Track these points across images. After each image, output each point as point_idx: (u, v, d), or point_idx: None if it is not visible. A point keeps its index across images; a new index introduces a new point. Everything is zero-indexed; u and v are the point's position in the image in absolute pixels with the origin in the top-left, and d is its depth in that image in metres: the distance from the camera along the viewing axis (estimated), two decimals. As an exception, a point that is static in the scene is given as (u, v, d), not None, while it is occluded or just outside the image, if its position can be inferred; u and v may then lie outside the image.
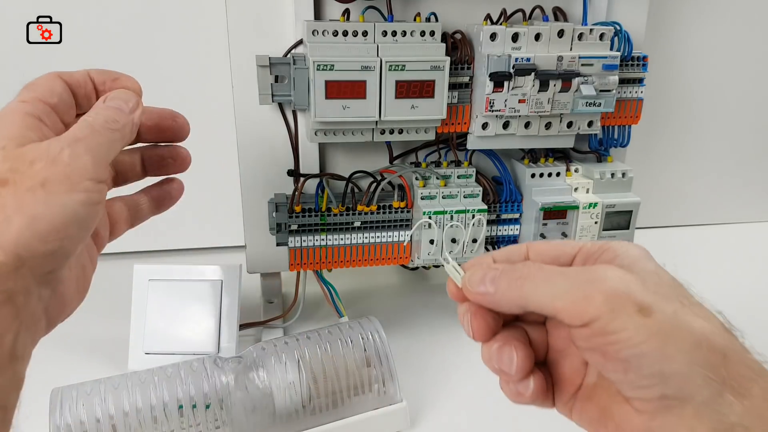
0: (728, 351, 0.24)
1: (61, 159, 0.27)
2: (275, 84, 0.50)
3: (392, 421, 0.47)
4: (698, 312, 0.26)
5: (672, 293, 0.27)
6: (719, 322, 0.26)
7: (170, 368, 0.44)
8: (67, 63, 0.69)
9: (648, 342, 0.24)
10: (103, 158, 0.28)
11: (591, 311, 0.24)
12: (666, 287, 0.27)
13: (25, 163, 0.26)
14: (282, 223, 0.54)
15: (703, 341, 0.24)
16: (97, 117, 0.29)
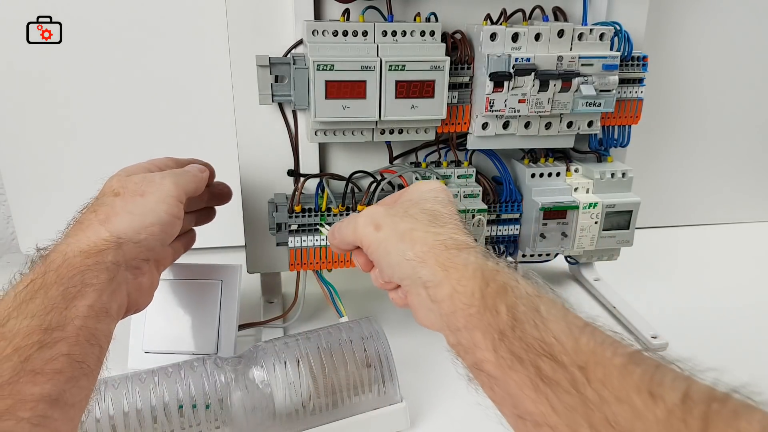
0: (429, 240, 0.35)
1: (154, 180, 0.41)
2: (275, 84, 0.50)
3: (392, 421, 0.47)
4: (424, 226, 0.37)
5: (412, 216, 0.38)
6: (446, 230, 0.36)
7: (170, 368, 0.44)
8: (67, 63, 0.70)
9: (377, 246, 0.38)
10: (182, 188, 0.42)
11: (356, 234, 0.39)
12: (412, 212, 0.38)
13: (131, 182, 0.41)
14: (282, 223, 0.54)
15: (406, 235, 0.36)
16: (183, 168, 0.45)
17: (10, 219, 0.76)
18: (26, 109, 0.69)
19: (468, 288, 0.31)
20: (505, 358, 0.28)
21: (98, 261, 0.35)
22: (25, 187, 0.72)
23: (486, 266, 0.32)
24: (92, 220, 0.38)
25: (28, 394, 0.28)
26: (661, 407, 0.22)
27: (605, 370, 0.24)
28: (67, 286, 0.32)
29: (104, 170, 0.74)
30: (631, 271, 0.69)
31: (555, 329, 0.27)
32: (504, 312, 0.29)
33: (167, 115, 0.71)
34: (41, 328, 0.30)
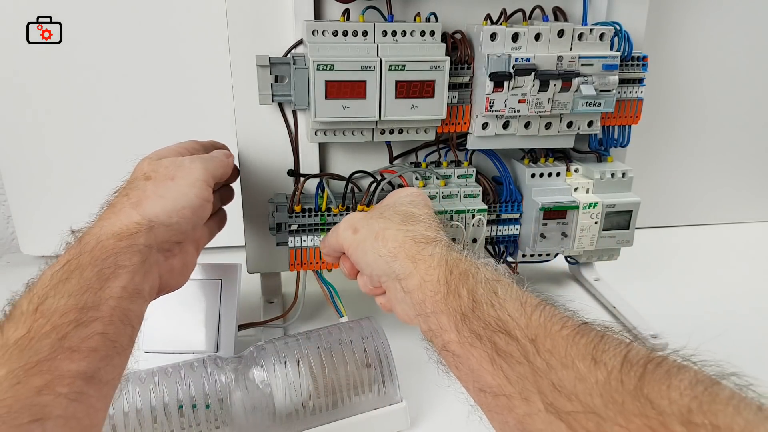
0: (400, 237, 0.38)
1: (184, 164, 0.42)
2: (275, 84, 0.50)
3: (392, 421, 0.47)
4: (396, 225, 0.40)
5: (386, 217, 0.41)
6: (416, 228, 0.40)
7: (170, 368, 0.44)
8: (68, 63, 0.70)
9: (356, 248, 0.41)
10: (210, 173, 0.42)
11: (338, 240, 0.43)
12: (386, 214, 0.42)
13: (162, 166, 0.41)
14: (282, 222, 0.54)
15: (379, 234, 0.39)
16: (210, 153, 0.46)
17: (10, 219, 0.76)
18: (26, 109, 0.69)
19: (434, 276, 0.34)
20: (467, 337, 0.30)
21: (131, 243, 0.36)
22: (25, 187, 0.72)
23: (450, 256, 0.35)
24: (124, 203, 0.39)
25: (66, 370, 0.29)
26: (602, 370, 0.24)
27: (553, 340, 0.26)
28: (102, 268, 0.33)
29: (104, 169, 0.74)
30: (631, 271, 0.69)
31: (510, 308, 0.29)
32: (465, 295, 0.31)
33: (167, 115, 0.71)
34: (77, 307, 0.31)
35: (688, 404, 0.21)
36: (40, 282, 0.32)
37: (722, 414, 0.20)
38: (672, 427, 0.20)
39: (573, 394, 0.24)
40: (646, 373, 0.23)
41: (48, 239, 0.80)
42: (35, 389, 0.27)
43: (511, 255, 0.61)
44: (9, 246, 0.79)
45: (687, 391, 0.21)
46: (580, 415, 0.23)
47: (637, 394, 0.22)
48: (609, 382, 0.23)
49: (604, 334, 0.26)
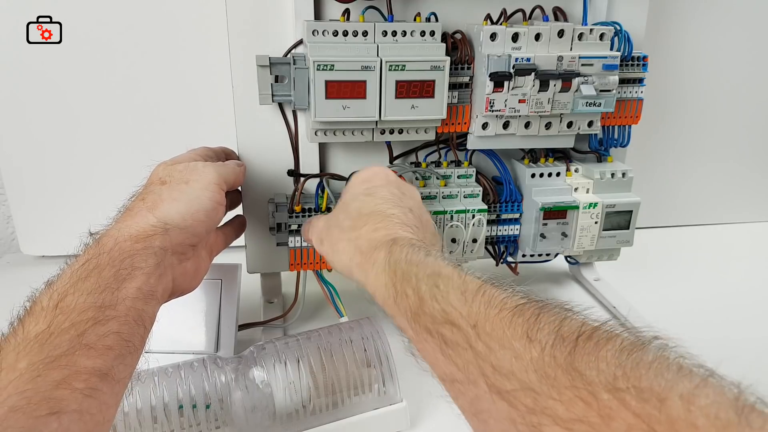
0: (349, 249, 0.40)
1: (197, 168, 0.43)
2: (275, 84, 0.50)
3: (392, 421, 0.47)
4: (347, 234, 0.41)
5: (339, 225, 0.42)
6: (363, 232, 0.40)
7: (170, 368, 0.44)
8: (67, 63, 0.70)
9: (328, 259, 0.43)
10: (223, 177, 0.44)
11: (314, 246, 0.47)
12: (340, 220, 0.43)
13: (176, 170, 0.43)
14: (282, 222, 0.54)
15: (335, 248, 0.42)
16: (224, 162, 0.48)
17: (10, 219, 0.76)
18: (26, 109, 0.69)
19: (382, 282, 0.35)
20: (419, 333, 0.31)
21: (147, 246, 0.37)
22: (25, 187, 0.72)
23: (392, 258, 0.35)
24: (141, 207, 0.40)
25: (82, 366, 0.30)
26: (537, 348, 0.25)
27: (492, 324, 0.27)
28: (119, 269, 0.35)
29: (104, 170, 0.74)
30: (631, 271, 0.69)
31: (452, 299, 0.30)
32: (411, 294, 0.32)
33: (167, 115, 0.71)
34: (95, 305, 0.32)
35: (614, 372, 0.22)
36: (60, 280, 0.33)
37: (645, 377, 0.21)
38: (599, 395, 0.21)
39: (510, 372, 0.25)
40: (577, 346, 0.24)
41: (48, 239, 0.80)
42: (53, 383, 0.28)
43: (511, 255, 0.61)
44: (9, 246, 0.79)
45: (613, 360, 0.22)
46: (519, 392, 0.24)
47: (568, 367, 0.23)
48: (543, 358, 0.24)
49: (540, 312, 0.26)
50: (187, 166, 0.43)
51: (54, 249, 0.74)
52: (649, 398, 0.20)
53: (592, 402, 0.21)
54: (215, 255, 0.48)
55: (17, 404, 0.27)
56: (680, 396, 0.20)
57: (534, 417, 0.23)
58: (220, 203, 0.43)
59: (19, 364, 0.28)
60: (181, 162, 0.44)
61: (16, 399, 0.27)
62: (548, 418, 0.22)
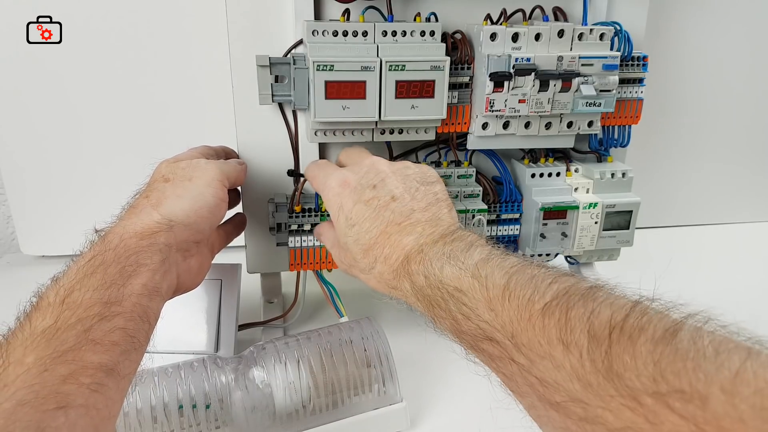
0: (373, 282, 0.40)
1: (200, 165, 0.44)
2: (275, 84, 0.50)
3: (392, 421, 0.47)
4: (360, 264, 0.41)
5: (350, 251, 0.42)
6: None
7: (170, 368, 0.44)
8: (67, 63, 0.70)
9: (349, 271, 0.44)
10: (225, 174, 0.44)
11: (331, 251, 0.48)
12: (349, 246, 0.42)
13: (179, 168, 0.43)
14: (282, 222, 0.54)
15: (353, 271, 0.43)
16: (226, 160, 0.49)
17: (10, 219, 0.76)
18: (26, 109, 0.69)
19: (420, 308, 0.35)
20: (467, 349, 0.31)
21: (151, 243, 0.37)
22: (25, 187, 0.72)
23: (415, 287, 0.35)
24: (145, 204, 0.40)
25: (89, 361, 0.30)
26: (575, 353, 0.24)
27: (527, 334, 0.27)
28: (124, 265, 0.35)
29: (104, 169, 0.74)
30: (631, 271, 0.68)
31: (482, 314, 0.30)
32: (446, 317, 0.32)
33: (167, 115, 0.71)
34: (101, 301, 0.32)
35: (652, 373, 0.22)
36: (66, 276, 0.34)
37: (684, 374, 0.21)
38: (643, 400, 0.21)
39: (556, 383, 0.25)
40: (611, 345, 0.23)
41: (48, 239, 0.80)
42: (61, 378, 0.28)
43: (511, 255, 0.61)
44: (9, 246, 0.79)
45: (649, 356, 0.22)
46: (568, 403, 0.24)
47: (608, 372, 0.23)
48: (583, 365, 0.24)
49: (569, 309, 0.26)
50: (190, 163, 0.44)
51: (54, 249, 0.74)
52: (692, 398, 0.20)
53: (637, 408, 0.21)
54: (216, 253, 0.48)
55: (25, 398, 0.27)
56: (722, 389, 0.20)
57: (588, 426, 0.23)
58: (223, 200, 0.43)
59: (26, 359, 0.28)
60: (183, 160, 0.45)
61: (24, 393, 0.27)
62: (601, 426, 0.22)
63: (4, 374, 0.28)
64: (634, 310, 0.25)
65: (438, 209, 0.40)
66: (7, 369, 0.28)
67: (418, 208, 0.40)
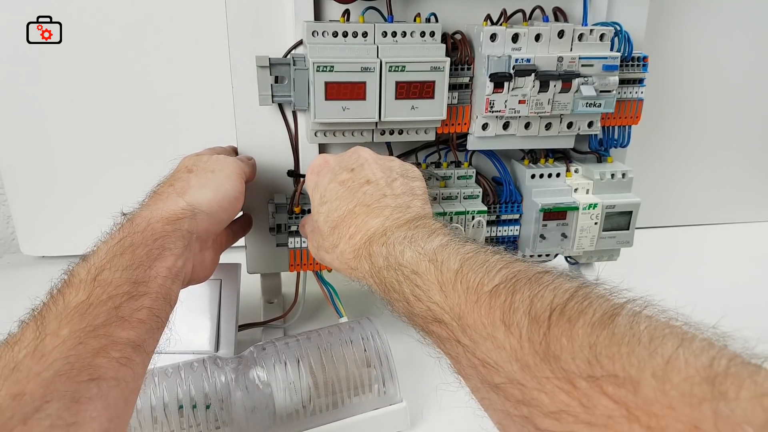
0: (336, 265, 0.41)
1: (220, 159, 0.46)
2: (275, 85, 0.50)
3: (392, 421, 0.47)
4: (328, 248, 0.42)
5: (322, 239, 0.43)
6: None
7: (170, 368, 0.44)
8: (67, 63, 0.70)
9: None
10: (243, 169, 0.47)
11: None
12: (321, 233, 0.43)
13: (201, 161, 0.46)
14: (282, 223, 0.54)
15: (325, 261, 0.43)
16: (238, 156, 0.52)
17: (10, 219, 0.76)
18: (26, 109, 0.69)
19: (378, 290, 0.36)
20: (419, 332, 0.32)
21: (176, 228, 0.39)
22: (25, 187, 0.72)
23: (374, 269, 0.36)
24: (170, 192, 0.42)
25: (118, 337, 0.32)
26: (515, 334, 0.25)
27: (473, 315, 0.27)
28: (151, 248, 0.37)
29: (104, 169, 0.74)
30: (631, 271, 0.69)
31: (433, 295, 0.30)
32: (400, 299, 0.33)
33: (167, 115, 0.71)
34: (130, 281, 0.34)
35: (587, 356, 0.22)
36: (97, 255, 0.35)
37: (618, 358, 0.21)
38: (577, 383, 0.21)
39: (497, 365, 0.25)
40: (550, 326, 0.24)
41: (48, 239, 0.80)
42: (93, 351, 0.30)
43: (511, 255, 0.61)
44: (9, 246, 0.79)
45: (586, 339, 0.22)
46: (507, 384, 0.24)
47: (545, 354, 0.23)
48: (521, 346, 0.24)
49: (514, 290, 0.26)
50: (211, 157, 0.47)
51: (54, 249, 0.74)
52: (625, 383, 0.20)
53: (571, 391, 0.21)
54: (223, 250, 0.49)
55: (62, 369, 0.28)
56: (653, 375, 0.20)
57: (525, 408, 0.23)
58: (242, 193, 0.46)
59: (61, 331, 0.30)
60: (205, 155, 0.48)
61: (61, 364, 0.28)
62: (536, 409, 0.23)
63: (41, 345, 0.29)
64: (576, 293, 0.25)
65: (411, 199, 0.41)
66: (44, 340, 0.29)
67: (390, 194, 0.41)
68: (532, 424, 0.23)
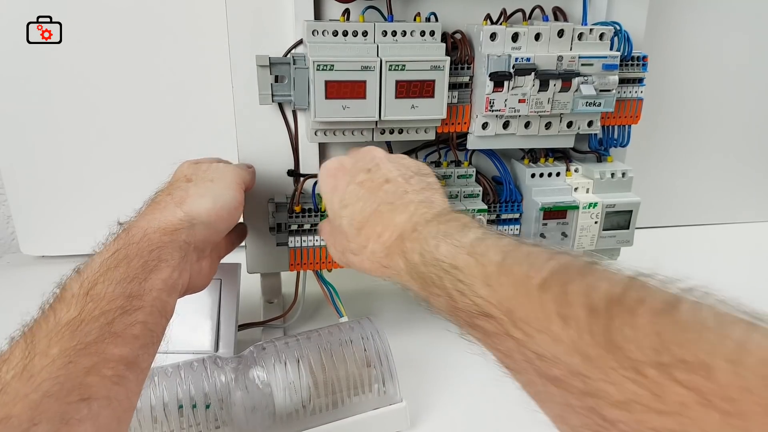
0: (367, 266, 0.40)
1: (219, 168, 0.46)
2: (275, 84, 0.50)
3: (392, 421, 0.47)
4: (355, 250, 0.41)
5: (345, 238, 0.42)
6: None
7: (170, 368, 0.44)
8: (67, 63, 0.70)
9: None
10: (242, 178, 0.47)
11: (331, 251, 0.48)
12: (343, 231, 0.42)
13: (200, 169, 0.45)
14: (282, 223, 0.54)
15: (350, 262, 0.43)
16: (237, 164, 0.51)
17: (10, 219, 0.76)
18: (26, 109, 0.69)
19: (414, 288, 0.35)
20: (462, 327, 0.31)
21: (173, 239, 0.38)
22: (25, 187, 0.72)
23: (409, 266, 0.35)
24: (168, 201, 0.41)
25: (111, 354, 0.31)
26: (573, 327, 0.24)
27: (524, 308, 0.27)
28: (147, 260, 0.36)
29: (104, 169, 0.74)
30: (631, 271, 0.69)
31: (479, 290, 0.29)
32: (441, 293, 0.32)
33: (167, 115, 0.71)
34: (124, 294, 0.33)
35: (654, 344, 0.21)
36: (90, 267, 0.34)
37: (686, 344, 0.21)
38: (646, 372, 0.21)
39: (555, 357, 0.24)
40: (611, 317, 0.23)
41: (48, 239, 0.80)
42: (84, 370, 0.29)
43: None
44: (9, 246, 0.79)
45: (650, 327, 0.22)
46: (568, 376, 0.24)
47: (609, 345, 0.23)
48: (582, 338, 0.24)
49: (567, 283, 0.26)
50: (210, 166, 0.46)
51: (54, 249, 0.74)
52: (697, 368, 0.20)
53: (640, 380, 0.21)
54: (221, 259, 0.49)
55: (51, 390, 0.27)
56: (726, 359, 0.19)
57: (590, 399, 0.23)
58: (241, 202, 0.45)
59: (51, 350, 0.29)
60: (204, 162, 0.47)
61: (50, 384, 0.28)
62: (602, 400, 0.22)
63: (30, 365, 0.28)
64: (632, 283, 0.25)
65: (431, 194, 0.40)
66: (33, 360, 0.28)
67: (411, 191, 0.40)
68: (599, 414, 0.22)
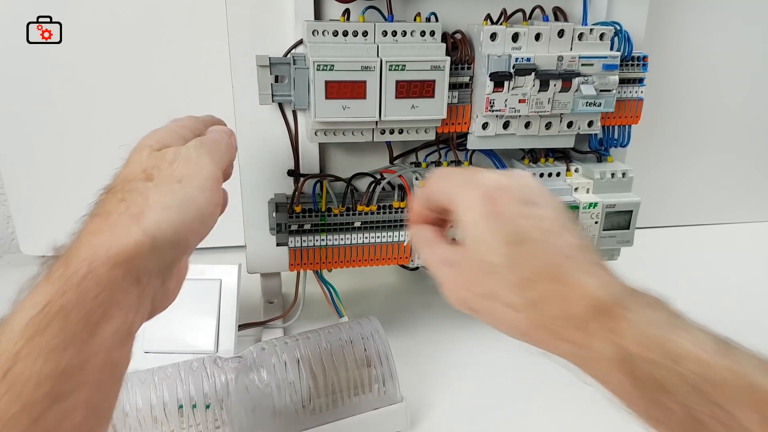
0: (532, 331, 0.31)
1: (190, 158, 0.34)
2: (275, 84, 0.50)
3: (392, 421, 0.47)
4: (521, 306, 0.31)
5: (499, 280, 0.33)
6: None
7: (170, 368, 0.44)
8: (67, 63, 0.70)
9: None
10: (220, 167, 0.35)
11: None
12: (498, 274, 0.33)
13: (165, 161, 0.33)
14: (282, 223, 0.54)
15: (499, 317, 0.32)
16: (210, 135, 0.38)
17: (10, 219, 0.76)
18: (26, 109, 0.69)
19: (614, 379, 0.27)
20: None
21: (127, 271, 0.29)
22: (25, 187, 0.72)
23: (621, 352, 0.27)
24: (122, 213, 0.31)
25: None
26: None
27: (759, 413, 0.23)
28: (91, 308, 0.27)
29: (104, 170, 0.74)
30: (631, 271, 0.68)
31: (747, 423, 0.24)
32: (678, 410, 0.25)
33: (167, 115, 0.71)
34: (56, 372, 0.25)
35: None
36: (9, 332, 0.25)
37: None
38: None
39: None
40: None
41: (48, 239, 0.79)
42: None
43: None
44: (9, 246, 0.79)
45: None
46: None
47: None
48: None
49: None
50: (178, 155, 0.34)
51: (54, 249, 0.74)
52: None
53: None
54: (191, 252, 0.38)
55: None
56: None
57: None
58: (218, 204, 0.34)
59: None
60: (168, 141, 0.35)
61: None
62: None
63: None
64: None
65: (591, 245, 0.32)
66: None
67: (579, 243, 0.31)
68: None
